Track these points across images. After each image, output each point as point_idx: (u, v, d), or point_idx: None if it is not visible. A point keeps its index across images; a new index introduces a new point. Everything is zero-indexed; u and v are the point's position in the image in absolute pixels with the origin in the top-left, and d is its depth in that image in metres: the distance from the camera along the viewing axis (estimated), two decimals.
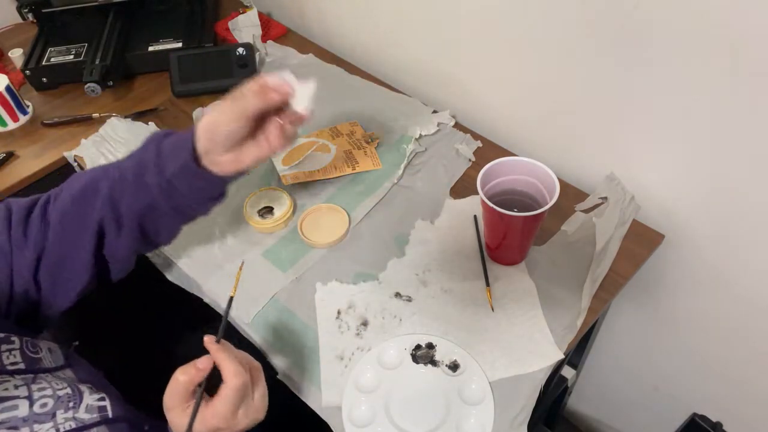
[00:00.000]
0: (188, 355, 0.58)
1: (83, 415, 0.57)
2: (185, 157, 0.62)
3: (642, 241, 0.84)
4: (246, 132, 0.62)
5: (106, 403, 0.60)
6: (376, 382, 0.71)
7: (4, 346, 0.58)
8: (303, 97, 0.62)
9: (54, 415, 0.54)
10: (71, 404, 0.56)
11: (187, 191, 0.65)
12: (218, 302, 0.82)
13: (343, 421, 0.68)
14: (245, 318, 0.78)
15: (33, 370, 0.59)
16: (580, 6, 0.76)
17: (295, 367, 0.74)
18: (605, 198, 0.88)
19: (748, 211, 0.76)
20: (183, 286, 0.86)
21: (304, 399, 0.72)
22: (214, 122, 0.61)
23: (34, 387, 0.56)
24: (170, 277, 0.87)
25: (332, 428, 0.69)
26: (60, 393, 0.57)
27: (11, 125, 1.08)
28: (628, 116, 0.81)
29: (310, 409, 0.71)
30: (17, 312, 0.64)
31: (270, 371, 0.75)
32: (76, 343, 0.77)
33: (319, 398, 0.71)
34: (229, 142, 0.62)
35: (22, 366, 0.58)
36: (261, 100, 0.60)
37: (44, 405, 0.55)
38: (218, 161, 0.64)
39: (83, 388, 0.60)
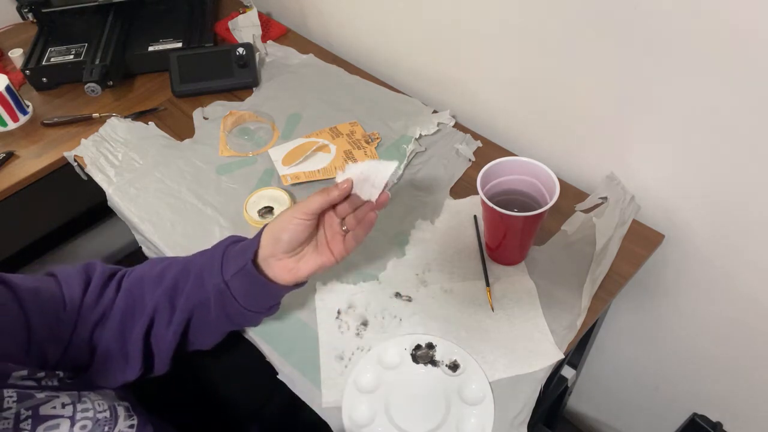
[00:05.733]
0: (205, 362, 0.57)
1: None
2: (245, 260, 0.63)
3: (642, 241, 0.84)
4: (308, 233, 0.63)
5: (133, 430, 0.62)
6: (376, 382, 0.71)
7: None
8: (380, 178, 0.61)
9: None
10: (106, 428, 0.59)
11: (242, 297, 0.65)
12: None
13: (343, 421, 0.68)
14: None
15: (79, 386, 0.61)
16: (581, 6, 0.76)
17: (295, 367, 0.73)
18: (605, 198, 0.88)
19: (748, 210, 0.76)
20: None
21: (304, 399, 0.72)
22: (278, 222, 0.63)
23: (79, 407, 0.58)
24: None
25: (332, 428, 0.69)
26: (99, 416, 0.59)
27: (11, 125, 1.08)
28: (629, 116, 0.81)
29: (310, 409, 0.71)
30: (66, 368, 0.64)
31: (270, 371, 0.75)
32: None
33: (319, 398, 0.70)
34: (291, 245, 0.63)
35: (69, 381, 0.61)
36: (322, 196, 0.62)
37: (84, 427, 0.57)
38: (276, 267, 0.65)
39: (121, 410, 0.62)
